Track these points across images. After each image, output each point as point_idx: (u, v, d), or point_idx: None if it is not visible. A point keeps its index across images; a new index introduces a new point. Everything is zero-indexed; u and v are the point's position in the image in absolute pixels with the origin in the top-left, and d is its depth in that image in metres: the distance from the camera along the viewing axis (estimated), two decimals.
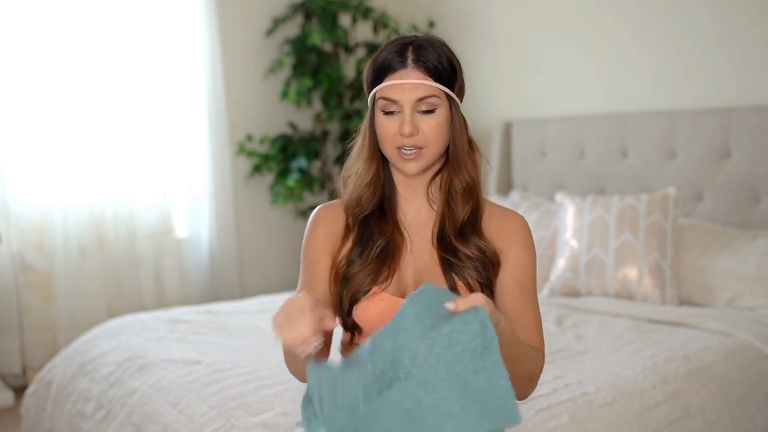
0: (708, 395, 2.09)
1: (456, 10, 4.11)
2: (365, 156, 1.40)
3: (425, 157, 1.34)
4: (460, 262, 1.35)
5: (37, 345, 3.65)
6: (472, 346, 1.04)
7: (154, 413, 2.00)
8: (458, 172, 1.38)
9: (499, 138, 3.77)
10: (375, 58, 1.36)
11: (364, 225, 1.40)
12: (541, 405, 1.87)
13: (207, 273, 4.02)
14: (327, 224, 1.43)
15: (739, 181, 2.91)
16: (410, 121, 1.31)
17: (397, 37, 1.40)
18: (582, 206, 3.01)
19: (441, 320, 1.06)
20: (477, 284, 1.35)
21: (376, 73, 1.35)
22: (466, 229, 1.37)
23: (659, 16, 3.22)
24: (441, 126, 1.33)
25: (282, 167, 4.09)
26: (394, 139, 1.33)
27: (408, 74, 1.32)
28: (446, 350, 1.04)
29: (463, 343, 1.04)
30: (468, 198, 1.38)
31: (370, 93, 1.37)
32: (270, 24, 4.15)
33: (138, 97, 3.80)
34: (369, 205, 1.40)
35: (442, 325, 1.05)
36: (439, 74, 1.33)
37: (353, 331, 1.38)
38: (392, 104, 1.33)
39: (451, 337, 1.04)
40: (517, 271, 1.37)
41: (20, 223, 3.63)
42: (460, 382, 1.03)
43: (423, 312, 1.08)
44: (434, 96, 1.32)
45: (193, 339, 2.51)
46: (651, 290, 2.76)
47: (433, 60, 1.33)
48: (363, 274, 1.36)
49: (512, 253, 1.38)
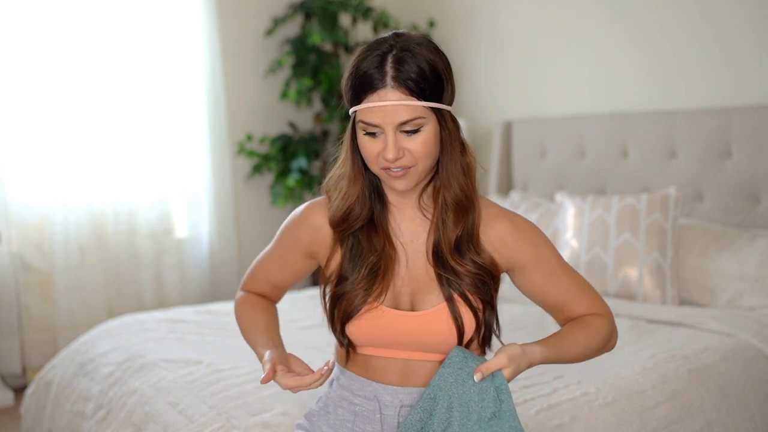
0: (708, 395, 2.09)
1: (456, 10, 4.11)
2: (350, 177, 1.34)
3: (414, 174, 1.27)
4: (457, 279, 1.31)
5: (37, 345, 3.65)
6: (486, 414, 1.15)
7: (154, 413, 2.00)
8: (449, 187, 1.31)
9: (499, 138, 3.77)
10: (353, 70, 1.26)
11: (354, 239, 1.35)
12: (541, 405, 1.87)
13: (207, 273, 4.02)
14: (315, 225, 1.40)
15: (739, 181, 2.91)
16: (393, 145, 1.22)
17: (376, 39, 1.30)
18: (582, 206, 3.01)
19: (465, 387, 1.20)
20: (477, 300, 1.33)
21: (354, 91, 1.25)
22: (462, 243, 1.32)
23: (659, 16, 3.22)
24: (429, 142, 1.25)
25: (282, 167, 4.09)
26: (379, 159, 1.26)
27: (388, 95, 1.21)
28: (463, 421, 1.16)
29: (476, 412, 1.16)
30: (460, 215, 1.32)
31: (350, 108, 1.30)
32: (270, 24, 4.15)
33: (138, 97, 3.80)
34: (358, 221, 1.35)
35: (463, 396, 1.17)
36: (423, 91, 1.22)
37: (347, 348, 1.38)
38: (373, 127, 1.24)
39: (469, 407, 1.17)
40: (541, 267, 1.36)
41: (20, 223, 3.63)
42: None
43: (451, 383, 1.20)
44: (419, 117, 1.22)
45: (193, 339, 2.51)
46: (651, 290, 2.76)
47: (415, 75, 1.21)
48: (354, 293, 1.32)
49: (526, 258, 1.35)
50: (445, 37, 4.09)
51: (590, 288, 1.40)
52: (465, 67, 3.99)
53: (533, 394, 1.91)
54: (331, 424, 1.42)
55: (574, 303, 1.37)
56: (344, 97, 1.31)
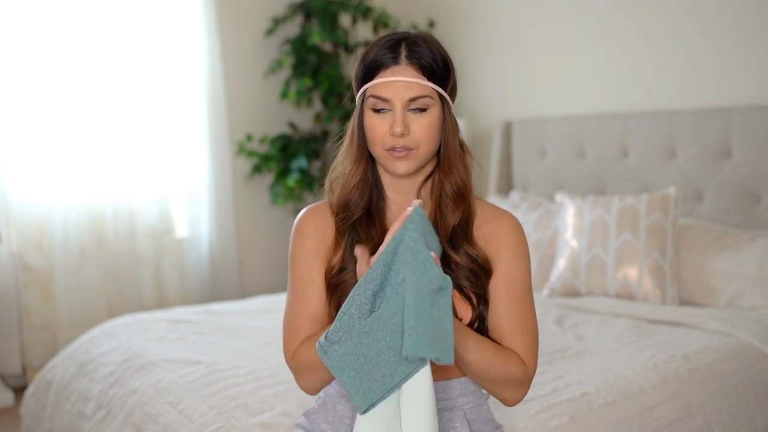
0: (708, 395, 2.09)
1: (456, 10, 4.11)
2: (353, 156, 1.36)
3: (416, 157, 1.30)
4: (450, 271, 1.31)
5: (37, 345, 3.65)
6: (436, 282, 1.15)
7: (154, 413, 2.00)
8: (449, 174, 1.34)
9: (499, 138, 3.77)
10: (366, 54, 1.31)
11: (352, 230, 1.37)
12: (541, 405, 1.87)
13: (207, 273, 4.02)
14: (316, 231, 1.39)
15: (739, 181, 2.91)
16: (401, 120, 1.27)
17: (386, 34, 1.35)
18: (582, 206, 3.01)
19: (421, 248, 1.18)
20: (471, 293, 1.32)
21: (367, 70, 1.30)
22: (457, 236, 1.34)
23: (659, 16, 3.22)
24: (433, 126, 1.29)
25: (282, 167, 4.09)
26: (384, 139, 1.29)
27: (401, 71, 1.27)
28: (416, 276, 1.15)
29: (430, 274, 1.15)
30: (459, 203, 1.34)
31: (360, 90, 1.33)
32: (270, 24, 4.15)
33: (138, 97, 3.80)
34: (357, 209, 1.36)
35: (418, 254, 1.17)
36: (433, 73, 1.28)
37: None
38: (383, 102, 1.28)
39: (425, 265, 1.16)
40: (505, 279, 1.33)
41: (20, 223, 3.63)
42: (420, 306, 1.13)
43: (412, 242, 1.19)
44: (427, 96, 1.28)
45: (193, 339, 2.51)
46: (651, 290, 2.76)
47: (427, 57, 1.28)
48: (351, 283, 1.33)
49: (500, 259, 1.34)
50: (445, 37, 4.09)
51: (535, 335, 1.34)
52: (465, 67, 3.99)
53: (533, 394, 1.91)
54: (330, 421, 1.42)
55: (509, 335, 1.32)
56: (354, 83, 1.34)
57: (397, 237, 1.19)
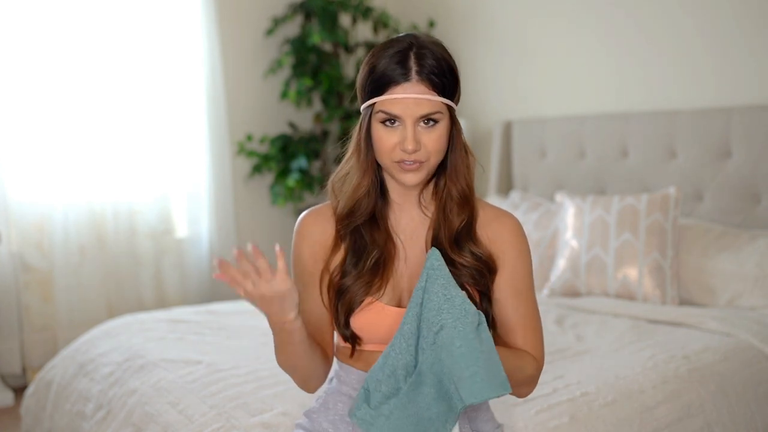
0: (708, 395, 2.09)
1: (456, 10, 4.11)
2: (361, 169, 1.35)
3: (425, 169, 1.30)
4: (455, 270, 1.32)
5: (37, 345, 3.65)
6: (475, 320, 1.18)
7: (154, 413, 2.00)
8: (456, 180, 1.35)
9: (499, 138, 3.77)
10: (373, 66, 1.29)
11: (356, 234, 1.37)
12: (541, 405, 1.87)
13: (207, 273, 4.02)
14: (315, 233, 1.40)
15: (739, 181, 2.91)
16: (413, 137, 1.26)
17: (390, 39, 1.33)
18: (582, 206, 3.01)
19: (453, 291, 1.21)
20: (474, 291, 1.34)
21: (376, 84, 1.28)
22: (462, 236, 1.35)
23: (659, 16, 3.22)
24: (443, 137, 1.29)
25: (282, 167, 4.09)
26: (393, 152, 1.28)
27: (411, 88, 1.26)
28: (457, 321, 1.17)
29: (470, 315, 1.18)
30: (464, 206, 1.36)
31: (367, 101, 1.31)
32: (270, 24, 4.15)
33: (138, 97, 3.80)
34: (362, 216, 1.37)
35: (454, 298, 1.19)
36: (443, 87, 1.28)
37: (353, 341, 1.38)
38: (393, 117, 1.28)
39: (462, 308, 1.18)
40: (512, 278, 1.36)
41: (20, 223, 3.63)
42: (473, 349, 1.16)
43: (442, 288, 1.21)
44: (437, 112, 1.28)
45: (193, 339, 2.51)
46: (651, 290, 2.76)
47: (437, 71, 1.27)
48: (356, 286, 1.33)
49: (506, 259, 1.36)
50: (445, 37, 4.09)
51: (541, 330, 1.39)
52: (465, 67, 3.99)
53: (533, 394, 1.91)
54: (331, 420, 1.43)
55: (520, 332, 1.36)
56: (360, 93, 1.33)
57: (420, 286, 1.21)
